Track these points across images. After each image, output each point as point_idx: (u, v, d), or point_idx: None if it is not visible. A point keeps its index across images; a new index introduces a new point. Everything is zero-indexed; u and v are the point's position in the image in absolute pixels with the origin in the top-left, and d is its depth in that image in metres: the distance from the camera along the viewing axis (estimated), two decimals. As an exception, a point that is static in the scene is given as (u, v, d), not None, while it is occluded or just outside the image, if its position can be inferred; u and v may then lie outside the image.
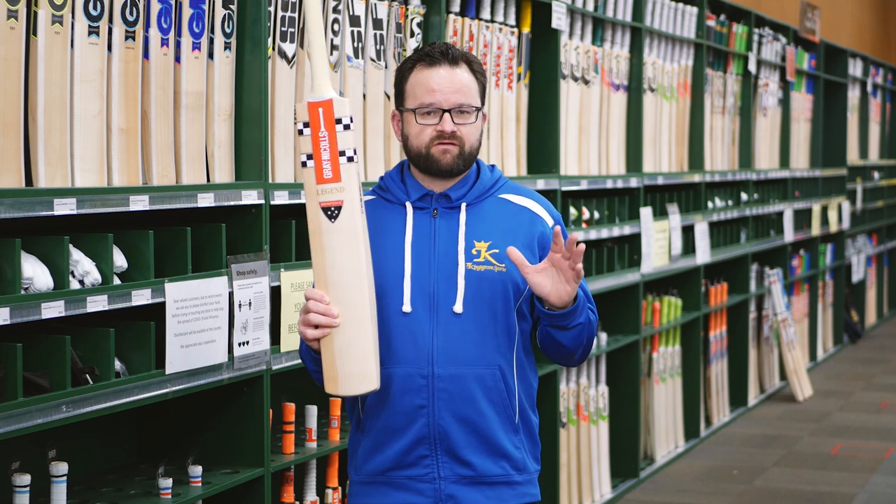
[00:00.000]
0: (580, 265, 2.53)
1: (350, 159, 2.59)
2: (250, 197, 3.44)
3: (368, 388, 2.57)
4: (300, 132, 2.62)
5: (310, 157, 2.60)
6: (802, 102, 9.47)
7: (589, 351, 2.72)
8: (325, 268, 2.58)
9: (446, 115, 2.63)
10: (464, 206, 2.68)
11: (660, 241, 6.35)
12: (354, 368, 2.56)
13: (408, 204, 2.69)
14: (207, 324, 3.27)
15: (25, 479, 2.89)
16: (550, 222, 2.72)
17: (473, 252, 2.65)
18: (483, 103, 2.71)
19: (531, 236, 2.69)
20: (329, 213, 2.58)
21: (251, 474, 3.46)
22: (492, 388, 2.65)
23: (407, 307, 2.63)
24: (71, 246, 2.95)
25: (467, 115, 2.64)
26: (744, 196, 7.96)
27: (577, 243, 2.52)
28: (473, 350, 2.63)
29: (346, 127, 2.60)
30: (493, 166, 2.77)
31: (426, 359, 2.62)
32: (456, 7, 4.59)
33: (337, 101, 2.61)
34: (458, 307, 2.62)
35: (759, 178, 8.28)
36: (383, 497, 2.68)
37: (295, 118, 2.61)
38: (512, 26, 4.97)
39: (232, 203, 3.38)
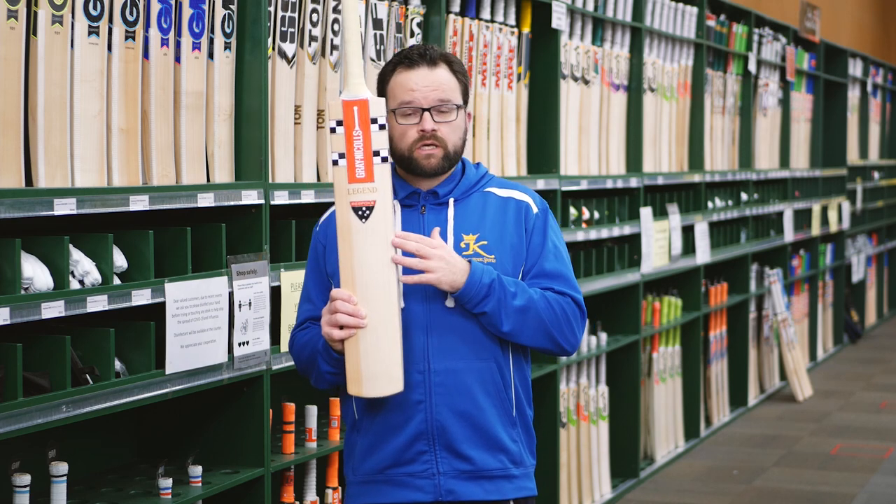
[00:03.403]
0: (417, 258, 2.54)
1: (384, 159, 2.57)
2: (250, 197, 3.44)
3: (394, 389, 2.57)
4: (332, 130, 2.59)
5: (342, 155, 2.57)
6: (802, 102, 9.47)
7: (546, 336, 2.64)
8: (354, 268, 2.56)
9: (426, 113, 2.63)
10: (451, 201, 2.69)
11: (660, 241, 6.34)
12: (380, 370, 2.55)
13: (396, 202, 2.69)
14: (207, 324, 3.27)
15: (25, 479, 2.89)
16: (535, 209, 2.73)
17: (462, 245, 2.66)
18: (466, 102, 2.71)
19: (518, 223, 2.71)
20: (360, 212, 2.56)
21: (251, 474, 3.46)
22: (489, 381, 2.65)
23: (401, 303, 2.62)
24: (71, 246, 2.95)
25: (448, 112, 2.65)
26: (744, 196, 7.95)
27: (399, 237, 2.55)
28: (468, 344, 2.64)
29: (382, 127, 2.58)
30: (478, 164, 2.79)
31: (422, 354, 2.63)
32: (456, 7, 4.59)
33: (373, 101, 2.59)
34: (450, 302, 2.63)
35: (759, 178, 8.27)
36: (383, 496, 2.68)
37: (328, 116, 2.60)
38: (512, 26, 4.96)
39: (232, 203, 3.38)
